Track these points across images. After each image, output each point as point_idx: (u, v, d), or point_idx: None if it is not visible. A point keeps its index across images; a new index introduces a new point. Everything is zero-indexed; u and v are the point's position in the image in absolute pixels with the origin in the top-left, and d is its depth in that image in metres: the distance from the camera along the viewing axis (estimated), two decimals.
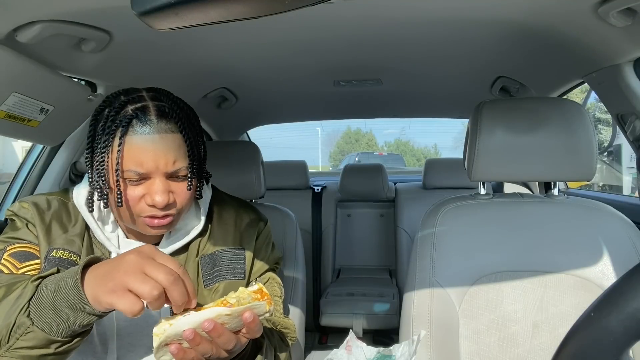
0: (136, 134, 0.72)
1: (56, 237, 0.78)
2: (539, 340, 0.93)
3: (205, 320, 0.60)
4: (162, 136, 0.73)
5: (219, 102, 1.78)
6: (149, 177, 0.73)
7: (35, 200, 0.81)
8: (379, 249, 2.55)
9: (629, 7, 0.80)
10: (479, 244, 1.00)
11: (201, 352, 0.63)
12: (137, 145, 0.72)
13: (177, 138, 0.75)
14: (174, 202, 0.75)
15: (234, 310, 0.61)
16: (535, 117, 1.01)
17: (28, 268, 0.75)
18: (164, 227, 0.76)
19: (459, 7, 0.91)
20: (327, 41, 1.14)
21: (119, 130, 0.72)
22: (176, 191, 0.76)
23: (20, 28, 0.80)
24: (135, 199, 0.73)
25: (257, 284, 0.67)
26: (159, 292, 0.58)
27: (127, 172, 0.72)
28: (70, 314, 0.61)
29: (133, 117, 0.72)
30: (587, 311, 0.51)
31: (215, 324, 0.60)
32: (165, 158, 0.73)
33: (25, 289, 0.66)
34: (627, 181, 4.77)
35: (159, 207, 0.73)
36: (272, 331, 0.87)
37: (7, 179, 1.46)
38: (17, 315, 0.63)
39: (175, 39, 1.06)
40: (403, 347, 0.75)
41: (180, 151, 0.75)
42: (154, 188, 0.73)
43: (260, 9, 0.42)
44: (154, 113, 0.73)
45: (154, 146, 0.72)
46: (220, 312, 0.61)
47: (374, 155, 12.13)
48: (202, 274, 0.84)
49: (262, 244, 0.92)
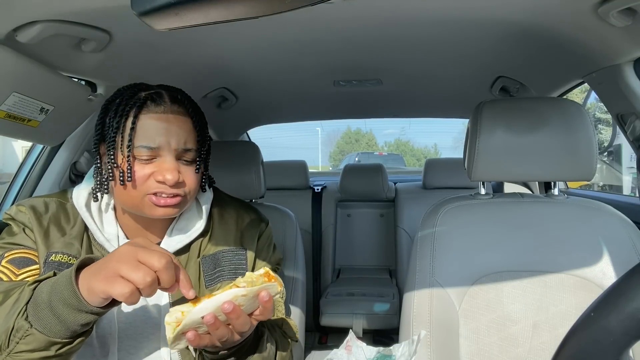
0: (150, 112, 0.75)
1: (54, 241, 0.77)
2: (539, 340, 0.93)
3: (224, 302, 0.62)
4: (176, 117, 0.76)
5: (219, 102, 1.78)
6: (159, 155, 0.75)
7: (32, 203, 0.80)
8: (379, 249, 2.55)
9: (629, 7, 0.80)
10: (479, 244, 1.00)
11: (218, 336, 0.64)
12: (150, 122, 0.74)
13: (189, 122, 0.78)
14: (183, 182, 0.76)
15: (250, 290, 0.63)
16: (535, 117, 1.01)
17: (27, 274, 0.74)
18: (171, 208, 0.76)
19: (459, 7, 0.91)
20: (327, 41, 1.14)
21: (133, 110, 0.74)
22: (185, 173, 0.77)
23: (20, 28, 0.80)
24: (143, 177, 0.74)
25: (264, 268, 0.68)
26: (151, 279, 0.59)
27: (138, 149, 0.73)
28: (68, 314, 0.61)
29: (147, 98, 0.76)
30: (587, 311, 0.51)
31: (234, 305, 0.62)
32: (177, 136, 0.75)
33: (22, 293, 0.66)
34: (627, 181, 4.77)
35: (169, 183, 0.73)
36: (274, 326, 0.87)
37: (7, 179, 1.46)
38: (16, 319, 0.63)
39: (175, 39, 1.06)
40: (403, 347, 0.75)
41: (191, 135, 0.78)
42: (165, 165, 0.74)
43: (260, 9, 0.42)
44: (167, 97, 0.77)
45: (167, 124, 0.75)
46: (237, 293, 0.62)
47: (374, 155, 12.14)
48: (204, 274, 0.83)
49: (263, 245, 0.92)
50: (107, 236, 0.80)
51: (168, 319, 0.62)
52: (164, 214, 0.76)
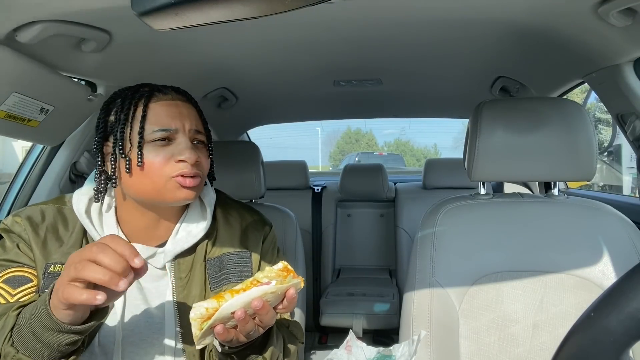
0: (160, 100, 0.78)
1: (53, 252, 0.76)
2: (539, 340, 0.93)
3: (254, 300, 0.63)
4: (183, 103, 0.80)
5: (219, 102, 1.78)
6: (174, 139, 0.76)
7: (29, 213, 0.79)
8: (379, 249, 2.55)
9: (629, 7, 0.80)
10: (479, 244, 1.00)
11: (246, 331, 0.65)
12: (162, 108, 0.77)
13: (194, 110, 0.82)
14: (200, 162, 0.78)
15: (279, 287, 0.64)
16: (535, 117, 1.01)
17: (22, 293, 0.73)
18: (192, 190, 0.76)
19: (459, 7, 0.91)
20: (327, 41, 1.14)
21: (142, 100, 0.76)
22: (199, 154, 0.79)
23: (21, 28, 0.80)
24: (162, 161, 0.75)
25: (281, 262, 0.70)
26: (109, 277, 0.56)
27: (154, 134, 0.75)
28: (49, 337, 0.61)
29: (154, 89, 0.79)
30: (587, 311, 0.51)
31: (264, 302, 0.63)
32: (189, 119, 0.79)
33: (7, 319, 0.66)
34: (627, 181, 4.77)
35: (191, 162, 0.75)
36: (281, 325, 0.86)
37: (7, 179, 1.46)
38: (2, 345, 0.64)
39: (175, 39, 1.06)
40: (403, 347, 0.75)
41: (198, 120, 0.82)
42: (183, 146, 0.76)
43: (260, 9, 0.42)
44: (171, 89, 0.81)
45: (178, 109, 0.78)
46: (267, 291, 0.64)
47: (374, 155, 12.13)
48: (209, 277, 0.83)
49: (268, 248, 0.92)
50: None
51: (193, 316, 0.62)
52: (185, 196, 0.76)
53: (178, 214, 0.84)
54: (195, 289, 0.81)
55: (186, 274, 0.82)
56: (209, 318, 0.62)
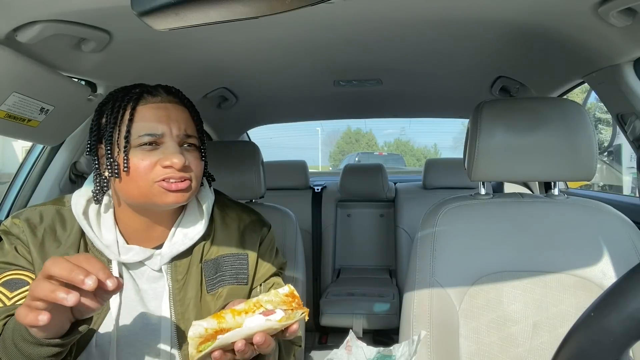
0: (148, 103, 0.76)
1: (50, 253, 0.76)
2: (539, 340, 0.93)
3: (257, 335, 0.61)
4: (173, 105, 0.78)
5: (219, 102, 1.78)
6: (162, 143, 0.75)
7: (27, 215, 0.79)
8: (379, 249, 2.55)
9: (629, 7, 0.80)
10: (478, 244, 1.00)
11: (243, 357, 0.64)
12: (149, 112, 0.75)
13: (186, 112, 0.80)
14: (189, 166, 0.76)
15: (284, 324, 0.63)
16: (535, 117, 1.01)
17: (20, 296, 0.73)
18: (182, 193, 0.75)
19: (459, 7, 0.91)
20: (327, 41, 1.14)
21: (130, 103, 0.75)
22: (189, 158, 0.76)
23: (20, 28, 0.80)
24: (149, 165, 0.73)
25: (287, 286, 0.68)
26: (60, 294, 0.54)
27: (141, 138, 0.73)
28: (29, 349, 0.61)
29: (143, 91, 0.77)
30: (587, 311, 0.50)
31: (266, 336, 0.62)
32: (177, 123, 0.76)
33: None
34: (627, 181, 4.76)
35: (177, 167, 0.73)
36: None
37: (7, 179, 1.46)
38: None
39: (175, 39, 1.06)
40: (403, 347, 0.75)
41: (190, 123, 0.79)
42: (170, 150, 0.74)
43: (260, 9, 0.42)
44: (163, 90, 0.78)
45: (166, 112, 0.76)
46: (271, 326, 0.62)
47: (374, 155, 12.12)
48: (205, 279, 0.83)
49: (266, 250, 0.91)
50: (105, 242, 0.78)
51: (191, 334, 0.61)
52: (175, 200, 0.75)
53: (174, 217, 0.83)
54: (191, 291, 0.81)
55: (183, 276, 0.82)
56: (207, 339, 0.61)
